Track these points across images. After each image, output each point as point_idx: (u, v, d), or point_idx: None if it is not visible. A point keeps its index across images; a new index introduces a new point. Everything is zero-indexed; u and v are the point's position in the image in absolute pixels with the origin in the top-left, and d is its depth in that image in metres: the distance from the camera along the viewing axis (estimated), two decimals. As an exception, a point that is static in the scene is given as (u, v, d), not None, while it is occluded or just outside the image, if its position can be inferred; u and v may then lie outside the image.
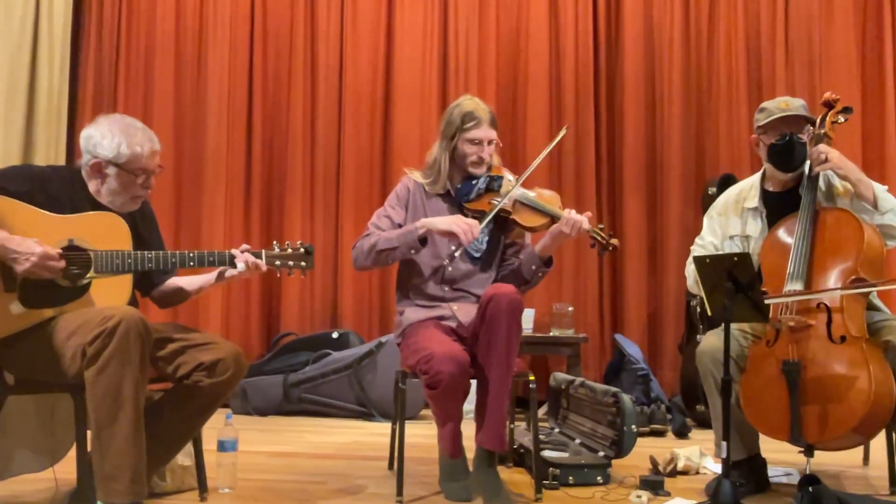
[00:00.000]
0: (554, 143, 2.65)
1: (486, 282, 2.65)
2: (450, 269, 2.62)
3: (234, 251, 2.26)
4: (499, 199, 2.57)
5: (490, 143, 2.63)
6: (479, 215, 2.60)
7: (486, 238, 2.65)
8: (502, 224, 2.66)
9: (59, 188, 2.19)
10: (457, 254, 2.51)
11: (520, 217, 2.59)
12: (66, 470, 2.39)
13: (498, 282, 2.66)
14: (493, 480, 2.36)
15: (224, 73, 4.62)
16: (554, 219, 2.54)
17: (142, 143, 2.20)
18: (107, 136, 2.19)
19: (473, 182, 2.64)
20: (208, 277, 2.39)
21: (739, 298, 2.21)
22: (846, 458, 2.83)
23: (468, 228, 2.44)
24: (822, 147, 2.48)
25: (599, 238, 2.53)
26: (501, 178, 2.64)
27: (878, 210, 2.44)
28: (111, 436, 1.94)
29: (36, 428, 2.36)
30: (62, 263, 2.06)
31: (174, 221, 4.59)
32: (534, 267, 2.62)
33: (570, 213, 2.51)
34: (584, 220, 2.50)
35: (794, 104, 2.57)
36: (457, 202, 2.66)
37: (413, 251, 2.53)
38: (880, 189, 2.48)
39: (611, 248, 2.53)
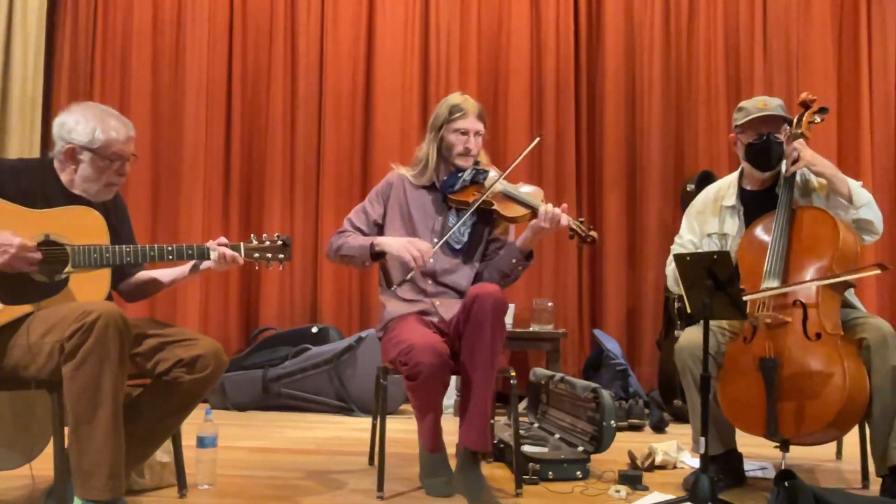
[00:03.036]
0: (525, 152, 2.66)
1: (467, 276, 2.66)
2: (430, 260, 2.61)
3: (211, 243, 2.24)
4: (483, 192, 2.58)
5: (477, 134, 2.65)
6: (461, 206, 2.62)
7: (468, 231, 2.67)
8: (485, 217, 2.67)
9: (30, 181, 2.15)
10: (408, 277, 2.52)
11: (501, 207, 2.60)
12: (43, 467, 2.35)
13: (479, 274, 2.68)
14: (476, 481, 2.36)
15: (203, 64, 4.57)
16: (535, 211, 2.56)
17: (116, 129, 2.18)
18: (81, 122, 2.16)
19: (459, 174, 2.65)
20: (182, 270, 2.36)
21: (719, 295, 2.24)
22: (820, 452, 2.89)
23: (419, 255, 2.48)
24: (795, 144, 2.51)
25: (579, 231, 2.54)
26: (487, 171, 2.66)
27: (853, 205, 2.47)
28: (89, 432, 1.92)
29: (11, 425, 2.33)
30: (39, 255, 2.03)
31: (151, 214, 4.55)
32: (514, 260, 2.63)
33: (549, 207, 2.53)
34: (562, 213, 2.52)
35: (771, 104, 2.60)
36: (441, 193, 2.67)
37: (367, 264, 2.65)
38: (854, 184, 2.52)
39: (590, 241, 2.55)
